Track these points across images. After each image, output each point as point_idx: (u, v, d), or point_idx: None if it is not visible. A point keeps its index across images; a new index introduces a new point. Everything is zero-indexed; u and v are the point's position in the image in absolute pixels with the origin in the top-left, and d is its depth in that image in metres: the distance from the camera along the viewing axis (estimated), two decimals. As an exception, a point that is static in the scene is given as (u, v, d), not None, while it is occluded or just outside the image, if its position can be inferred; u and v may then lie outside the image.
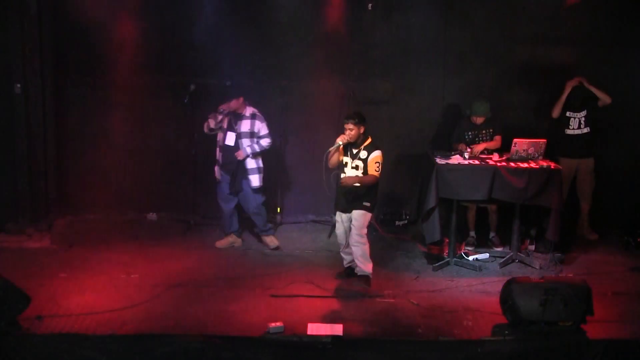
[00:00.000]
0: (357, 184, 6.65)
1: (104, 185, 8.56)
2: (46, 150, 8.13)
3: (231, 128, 7.59)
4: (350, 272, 6.99)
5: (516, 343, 5.73)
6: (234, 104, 7.53)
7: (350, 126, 6.62)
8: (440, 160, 7.34)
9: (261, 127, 7.64)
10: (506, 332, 5.87)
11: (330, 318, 6.11)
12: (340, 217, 6.84)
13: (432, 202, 7.15)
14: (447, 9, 8.36)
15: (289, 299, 6.51)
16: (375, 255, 7.65)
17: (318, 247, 7.94)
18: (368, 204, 6.71)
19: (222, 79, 8.09)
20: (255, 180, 7.63)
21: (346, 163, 6.75)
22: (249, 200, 7.71)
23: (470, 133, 7.83)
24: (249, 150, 7.56)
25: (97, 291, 6.55)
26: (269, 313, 6.16)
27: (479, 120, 7.78)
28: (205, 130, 7.65)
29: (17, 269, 6.84)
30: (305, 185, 8.73)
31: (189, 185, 8.52)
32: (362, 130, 6.66)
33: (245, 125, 7.59)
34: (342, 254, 7.01)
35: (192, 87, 8.03)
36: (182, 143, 8.46)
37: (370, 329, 5.95)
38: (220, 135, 7.67)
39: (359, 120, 6.65)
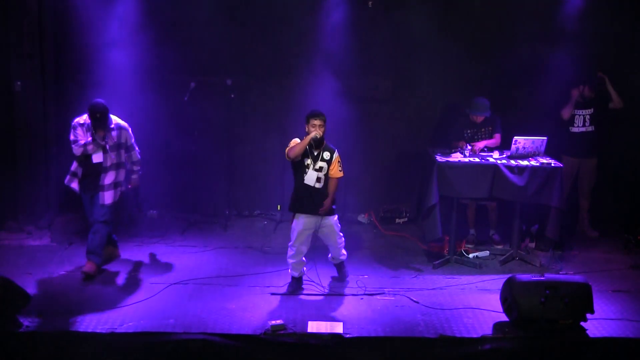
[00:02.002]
0: (332, 202, 6.58)
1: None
2: (46, 149, 8.12)
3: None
4: (298, 282, 6.69)
5: (516, 341, 5.74)
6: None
7: (320, 122, 6.43)
8: (440, 158, 7.34)
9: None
10: (506, 329, 5.88)
11: (330, 316, 6.12)
12: (306, 221, 6.54)
13: (432, 199, 7.15)
14: (447, 7, 8.35)
15: (289, 297, 6.51)
16: (376, 254, 7.68)
17: (318, 245, 7.91)
18: (335, 207, 6.67)
19: (223, 77, 8.10)
20: None
21: (308, 165, 6.51)
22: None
23: (469, 131, 7.83)
24: None
25: (96, 289, 6.55)
26: (270, 311, 6.17)
27: (479, 118, 7.78)
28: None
29: (17, 267, 6.87)
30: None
31: (189, 183, 8.51)
32: (324, 129, 6.50)
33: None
34: (297, 264, 6.62)
35: (193, 85, 8.02)
36: (182, 141, 8.45)
37: (370, 327, 5.95)
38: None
39: (325, 118, 6.50)
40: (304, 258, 6.66)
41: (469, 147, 7.61)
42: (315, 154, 6.54)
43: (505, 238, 7.87)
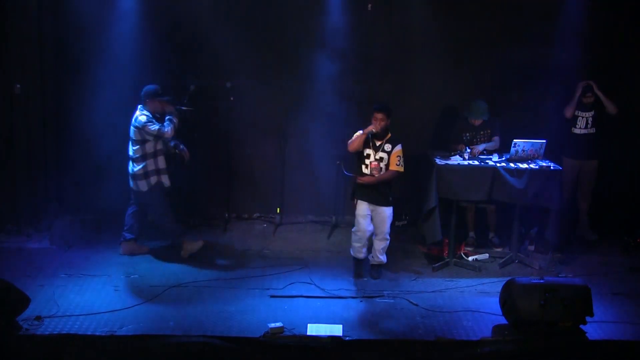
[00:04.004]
0: (375, 182, 6.84)
1: (104, 186, 8.55)
2: (46, 151, 8.12)
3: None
4: (361, 264, 7.12)
5: (516, 344, 5.75)
6: (158, 105, 7.33)
7: (381, 116, 6.76)
8: (440, 161, 7.34)
9: None
10: (506, 332, 5.88)
11: (329, 318, 6.11)
12: (364, 207, 6.95)
13: (432, 202, 7.15)
14: (447, 8, 8.35)
15: (289, 299, 6.51)
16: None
17: (318, 248, 7.94)
18: (391, 199, 6.95)
19: (222, 79, 8.10)
20: None
21: (368, 155, 6.87)
22: None
23: (468, 134, 7.84)
24: None
25: (96, 292, 6.56)
26: (269, 313, 6.17)
27: (477, 121, 7.79)
28: (170, 134, 7.27)
29: (17, 270, 6.87)
30: (305, 186, 8.74)
31: (188, 186, 8.50)
32: (388, 123, 6.80)
33: None
34: (361, 248, 7.04)
35: (192, 87, 8.02)
36: (182, 143, 8.44)
37: (369, 330, 5.95)
38: (161, 144, 7.34)
39: (389, 112, 6.81)
40: (365, 242, 7.00)
41: (468, 150, 7.61)
42: (378, 144, 6.86)
43: (504, 241, 7.87)
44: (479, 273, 7.28)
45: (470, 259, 7.55)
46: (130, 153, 7.29)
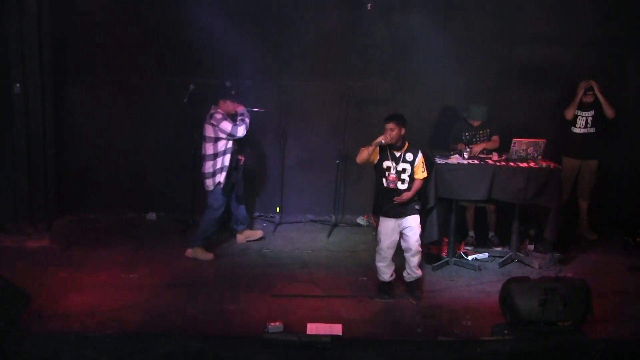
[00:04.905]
0: (412, 196, 6.53)
1: (104, 185, 8.57)
2: (45, 150, 8.11)
3: None
4: (389, 287, 6.70)
5: (515, 343, 5.73)
6: (230, 106, 7.50)
7: (392, 126, 6.43)
8: (439, 160, 7.34)
9: None
10: (505, 332, 5.86)
11: (329, 318, 6.11)
12: (389, 224, 6.54)
13: (430, 201, 7.15)
14: (447, 8, 8.36)
15: (288, 298, 6.51)
16: (374, 255, 7.66)
17: (317, 247, 7.94)
18: (419, 207, 6.62)
19: (222, 79, 8.10)
20: None
21: (388, 167, 6.51)
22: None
23: (467, 133, 7.84)
24: None
25: (96, 291, 6.56)
26: (268, 313, 6.17)
27: (476, 122, 7.80)
28: (243, 133, 7.39)
29: (17, 269, 6.86)
30: (305, 185, 8.75)
31: (188, 186, 8.51)
32: (402, 132, 6.49)
33: None
34: (386, 268, 6.61)
35: (192, 87, 8.02)
36: (182, 143, 8.46)
37: (369, 329, 5.96)
38: (231, 143, 7.46)
39: (401, 121, 6.49)
40: (390, 261, 6.61)
41: (468, 149, 7.61)
42: (397, 155, 6.54)
43: (504, 240, 7.87)
44: (479, 272, 7.28)
45: (469, 258, 7.55)
46: (203, 151, 7.44)
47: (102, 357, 5.47)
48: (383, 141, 6.43)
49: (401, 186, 6.52)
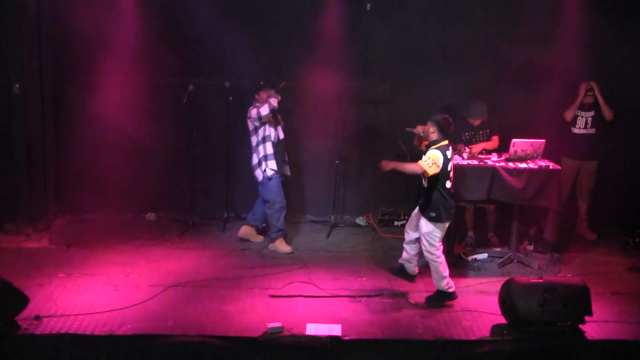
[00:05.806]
0: (394, 168, 6.54)
1: (103, 186, 8.55)
2: (45, 151, 8.12)
3: (277, 121, 7.71)
4: (400, 269, 6.99)
5: (515, 343, 5.74)
6: (263, 95, 7.61)
7: (429, 123, 6.52)
8: (439, 160, 7.33)
9: None
10: (505, 332, 5.88)
11: (329, 318, 6.11)
12: (414, 213, 6.80)
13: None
14: (446, 9, 8.36)
15: (288, 299, 6.51)
16: (374, 256, 7.67)
17: (317, 247, 7.94)
18: (434, 214, 6.42)
19: (221, 79, 8.10)
20: None
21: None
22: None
23: (467, 134, 7.84)
24: None
25: (95, 291, 6.55)
26: (268, 313, 6.17)
27: (476, 122, 7.80)
28: (266, 111, 7.46)
29: (16, 269, 6.87)
30: (304, 186, 8.75)
31: (187, 186, 8.51)
32: (432, 131, 6.46)
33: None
34: (405, 245, 6.95)
35: (191, 87, 8.03)
36: (181, 143, 8.46)
37: (368, 329, 5.95)
38: (268, 130, 7.61)
39: (434, 121, 6.47)
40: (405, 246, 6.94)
41: (467, 150, 7.61)
42: (425, 150, 6.55)
43: (503, 240, 7.86)
44: (478, 273, 7.28)
45: (469, 258, 7.55)
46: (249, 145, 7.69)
47: (102, 358, 5.47)
48: (413, 129, 6.67)
49: (425, 183, 6.56)
